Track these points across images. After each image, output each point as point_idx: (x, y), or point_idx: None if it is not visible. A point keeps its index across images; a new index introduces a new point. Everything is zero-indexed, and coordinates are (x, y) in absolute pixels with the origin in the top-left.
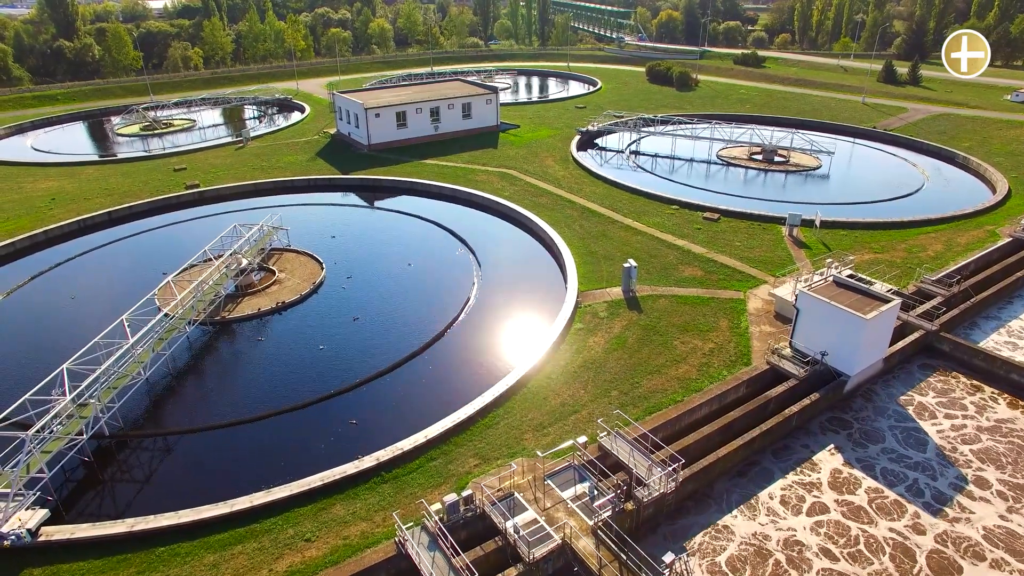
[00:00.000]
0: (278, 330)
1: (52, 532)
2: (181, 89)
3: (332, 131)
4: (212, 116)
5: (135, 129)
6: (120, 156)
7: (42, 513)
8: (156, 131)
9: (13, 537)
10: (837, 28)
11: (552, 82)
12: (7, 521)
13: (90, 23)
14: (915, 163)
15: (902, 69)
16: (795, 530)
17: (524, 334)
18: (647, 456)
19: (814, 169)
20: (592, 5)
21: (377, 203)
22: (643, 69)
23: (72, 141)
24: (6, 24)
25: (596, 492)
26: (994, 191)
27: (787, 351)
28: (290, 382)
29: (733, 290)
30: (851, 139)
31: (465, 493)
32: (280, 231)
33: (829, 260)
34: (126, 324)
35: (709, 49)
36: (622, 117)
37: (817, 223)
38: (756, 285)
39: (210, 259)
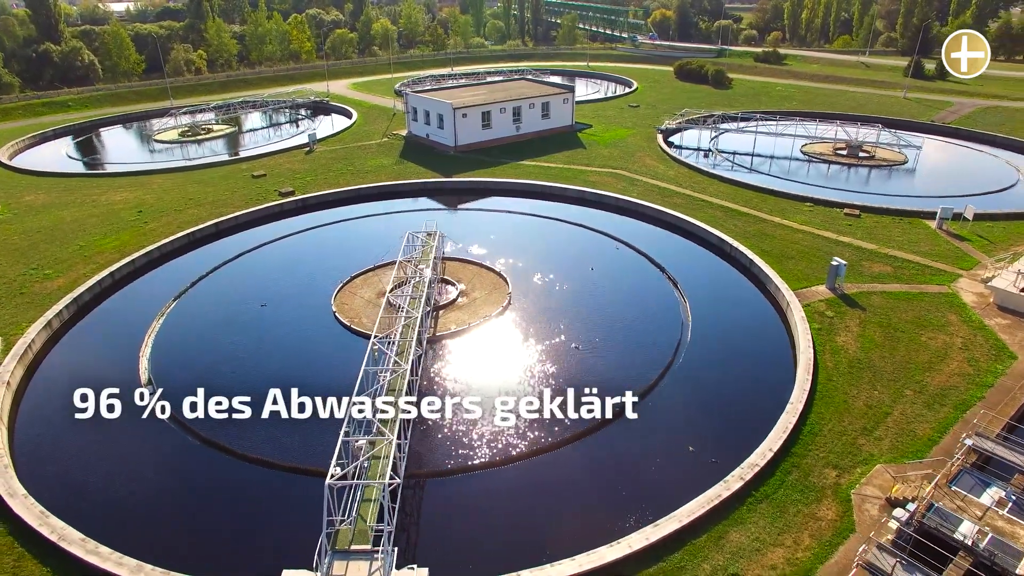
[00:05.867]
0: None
1: None
2: (197, 93)
3: (402, 132)
4: (251, 120)
5: (173, 135)
6: (189, 164)
7: (424, 572)
8: (198, 137)
9: None
10: (826, 26)
11: (584, 82)
12: None
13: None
14: (994, 155)
15: (930, 65)
16: None
17: (756, 335)
18: None
19: (901, 164)
20: (586, 4)
21: (499, 206)
22: (666, 68)
23: (109, 148)
24: None
25: (1015, 497)
26: None
27: None
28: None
29: (935, 284)
30: (918, 134)
31: (911, 507)
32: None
33: None
34: (378, 349)
35: (728, 47)
36: (698, 114)
37: (969, 216)
38: (953, 279)
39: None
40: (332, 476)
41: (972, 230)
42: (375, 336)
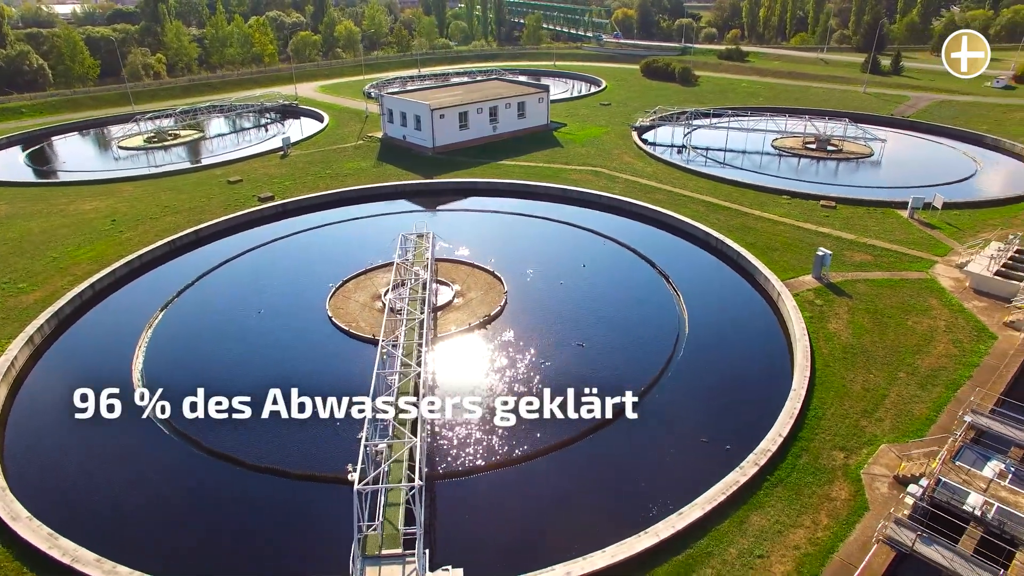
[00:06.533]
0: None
1: None
2: (159, 98)
3: (377, 135)
4: (219, 125)
5: (138, 141)
6: (159, 171)
7: (459, 572)
8: (165, 143)
9: None
10: (783, 24)
11: (553, 81)
12: None
13: None
14: (952, 146)
15: (885, 60)
16: None
17: (750, 325)
18: None
19: (867, 156)
20: (549, 3)
21: (486, 206)
22: (633, 66)
23: (71, 156)
24: None
25: (1014, 469)
26: None
27: None
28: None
29: (914, 271)
30: (881, 128)
31: (923, 483)
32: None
33: (1011, 236)
34: (386, 352)
35: (691, 45)
36: (672, 111)
37: (938, 205)
38: (930, 265)
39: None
40: (359, 481)
41: (941, 218)
42: (382, 340)
